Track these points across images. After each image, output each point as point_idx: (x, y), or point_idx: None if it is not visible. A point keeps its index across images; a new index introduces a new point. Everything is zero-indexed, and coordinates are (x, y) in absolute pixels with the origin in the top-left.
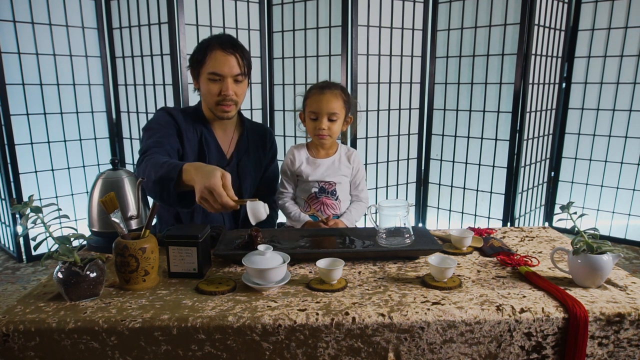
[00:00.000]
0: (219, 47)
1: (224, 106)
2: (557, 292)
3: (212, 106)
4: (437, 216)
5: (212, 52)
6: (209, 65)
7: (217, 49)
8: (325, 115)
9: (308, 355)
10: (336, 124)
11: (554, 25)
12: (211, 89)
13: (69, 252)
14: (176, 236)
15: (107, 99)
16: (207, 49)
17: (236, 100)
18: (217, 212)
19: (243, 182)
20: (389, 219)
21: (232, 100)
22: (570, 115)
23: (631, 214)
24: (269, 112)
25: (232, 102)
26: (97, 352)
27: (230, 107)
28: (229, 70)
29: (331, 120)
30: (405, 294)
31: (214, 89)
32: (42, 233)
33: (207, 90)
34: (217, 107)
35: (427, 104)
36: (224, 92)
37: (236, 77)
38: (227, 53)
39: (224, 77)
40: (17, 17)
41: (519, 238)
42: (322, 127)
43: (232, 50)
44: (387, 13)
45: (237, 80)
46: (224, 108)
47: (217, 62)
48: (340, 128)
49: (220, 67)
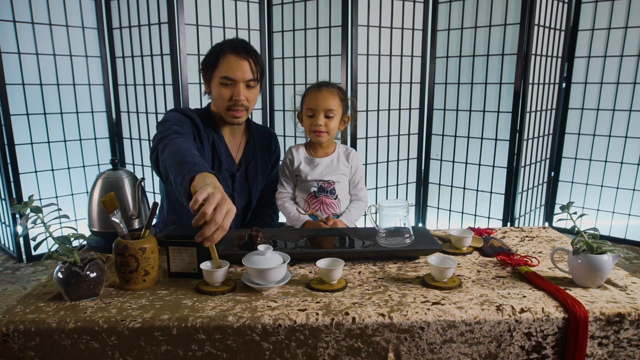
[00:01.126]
0: (233, 52)
1: (234, 111)
2: (557, 292)
3: (222, 111)
4: (437, 216)
5: (225, 56)
6: (222, 69)
7: (230, 53)
8: (321, 112)
9: (308, 355)
10: (333, 121)
11: (554, 25)
12: (223, 93)
13: (69, 252)
14: (176, 236)
15: (107, 99)
16: (220, 53)
17: (247, 105)
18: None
19: (252, 187)
20: (389, 219)
21: (243, 105)
22: (570, 115)
23: (631, 214)
24: (269, 112)
25: (243, 108)
26: (97, 352)
27: (241, 112)
28: (242, 75)
29: (328, 117)
30: (405, 294)
31: (226, 94)
32: (42, 233)
33: (219, 94)
34: (227, 112)
35: (427, 104)
36: (236, 98)
37: (248, 83)
38: (241, 58)
39: (237, 82)
40: (17, 17)
41: (519, 238)
42: (319, 124)
43: (245, 55)
44: (387, 13)
45: (249, 85)
46: (235, 113)
47: (230, 66)
48: (337, 125)
49: (233, 71)
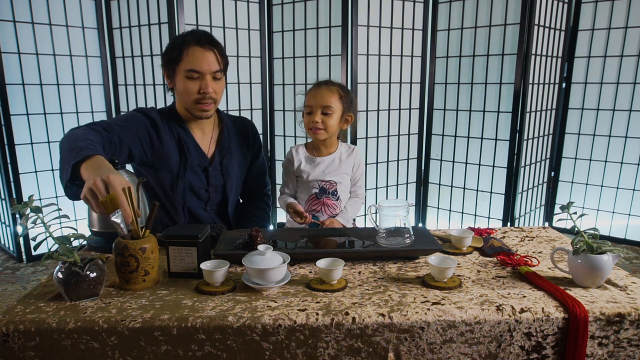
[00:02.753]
0: (196, 43)
1: (202, 105)
2: (557, 292)
3: (190, 105)
4: (437, 216)
5: (188, 48)
6: (187, 62)
7: (194, 45)
8: (319, 109)
9: (308, 355)
10: (331, 119)
11: (554, 25)
12: (189, 87)
13: (69, 252)
14: (176, 236)
15: (107, 99)
16: (182, 46)
17: (215, 98)
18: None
19: (227, 181)
20: (389, 219)
21: (211, 98)
22: (570, 115)
23: (631, 214)
24: (269, 112)
25: (211, 101)
26: (97, 352)
27: (209, 105)
28: (208, 66)
29: (325, 114)
30: (405, 294)
31: (193, 87)
32: (42, 233)
33: (185, 88)
34: (195, 106)
35: (427, 104)
36: (204, 90)
37: (215, 74)
38: (205, 49)
39: (203, 74)
40: (17, 17)
41: (519, 238)
42: (316, 120)
43: (210, 46)
44: (387, 13)
45: (216, 77)
46: (203, 107)
47: (195, 58)
48: (336, 123)
49: (199, 63)
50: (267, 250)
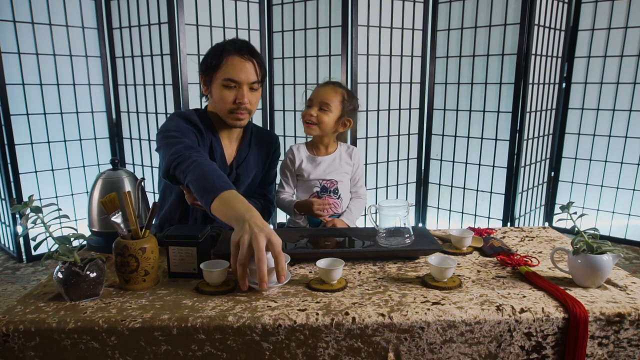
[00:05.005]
0: (236, 53)
1: (237, 114)
2: (557, 292)
3: (224, 114)
4: (437, 216)
5: (228, 57)
6: (225, 71)
7: (233, 54)
8: (317, 104)
9: (308, 355)
10: (326, 116)
11: (554, 25)
12: (225, 96)
13: (69, 252)
14: (176, 236)
15: (107, 99)
16: (223, 54)
17: (250, 109)
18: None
19: (239, 189)
20: (389, 219)
21: (246, 109)
22: (570, 115)
23: (631, 214)
24: (269, 112)
25: (246, 111)
26: (97, 352)
27: (244, 115)
28: (246, 77)
29: (322, 109)
30: (405, 294)
31: (229, 97)
32: (42, 233)
33: (221, 97)
34: (229, 115)
35: (427, 104)
36: (239, 100)
37: (252, 85)
38: (245, 59)
39: (241, 84)
40: (17, 17)
41: (519, 238)
42: (311, 113)
43: (249, 57)
44: (387, 13)
45: (253, 88)
46: (238, 116)
47: (234, 68)
48: (331, 122)
49: (237, 73)
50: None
